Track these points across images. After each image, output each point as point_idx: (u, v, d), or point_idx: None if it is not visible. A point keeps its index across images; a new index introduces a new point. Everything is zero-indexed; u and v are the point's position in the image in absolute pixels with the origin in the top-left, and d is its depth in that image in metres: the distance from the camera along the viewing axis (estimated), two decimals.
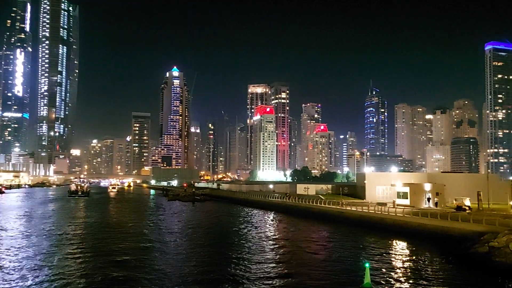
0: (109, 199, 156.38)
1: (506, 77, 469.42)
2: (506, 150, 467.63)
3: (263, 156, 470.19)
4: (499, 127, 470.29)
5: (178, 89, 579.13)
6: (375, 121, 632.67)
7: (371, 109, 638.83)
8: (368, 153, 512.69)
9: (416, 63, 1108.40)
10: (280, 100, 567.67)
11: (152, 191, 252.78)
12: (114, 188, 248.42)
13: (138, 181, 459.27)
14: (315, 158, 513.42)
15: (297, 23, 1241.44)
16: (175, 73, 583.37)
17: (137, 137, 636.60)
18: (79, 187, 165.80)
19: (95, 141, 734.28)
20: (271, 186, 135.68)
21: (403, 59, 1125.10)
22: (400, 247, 46.49)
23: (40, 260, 37.72)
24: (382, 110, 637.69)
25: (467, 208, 61.14)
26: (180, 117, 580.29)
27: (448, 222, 48.21)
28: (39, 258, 38.93)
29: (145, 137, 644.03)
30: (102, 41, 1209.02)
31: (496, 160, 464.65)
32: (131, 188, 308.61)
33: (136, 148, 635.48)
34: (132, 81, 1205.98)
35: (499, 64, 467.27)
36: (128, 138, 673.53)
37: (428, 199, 72.50)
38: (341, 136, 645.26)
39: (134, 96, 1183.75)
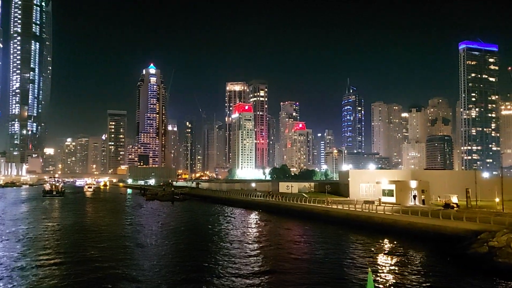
0: (85, 198, 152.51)
1: (479, 76, 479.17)
2: (479, 148, 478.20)
3: (241, 155, 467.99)
4: (472, 125, 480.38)
5: (155, 86, 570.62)
6: (352, 119, 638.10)
7: (348, 107, 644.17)
8: (345, 151, 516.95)
9: (392, 62, 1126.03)
10: (258, 98, 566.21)
11: (129, 191, 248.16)
12: (90, 187, 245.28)
13: (114, 180, 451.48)
14: (294, 156, 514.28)
15: (275, 22, 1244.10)
16: (152, 70, 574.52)
17: (113, 135, 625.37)
18: (53, 187, 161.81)
19: (69, 139, 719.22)
20: (253, 184, 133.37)
21: (380, 58, 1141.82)
22: (392, 247, 44.75)
23: (13, 265, 34.85)
24: (359, 108, 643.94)
25: (454, 205, 60.49)
26: (157, 115, 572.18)
27: (440, 221, 47.09)
28: (12, 261, 36.12)
29: (121, 136, 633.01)
30: (77, 37, 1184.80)
31: (469, 157, 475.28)
32: (107, 187, 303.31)
33: (112, 147, 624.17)
34: (108, 78, 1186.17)
35: (472, 63, 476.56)
36: (104, 137, 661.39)
37: (414, 197, 71.82)
38: (319, 134, 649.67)
39: (110, 93, 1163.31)
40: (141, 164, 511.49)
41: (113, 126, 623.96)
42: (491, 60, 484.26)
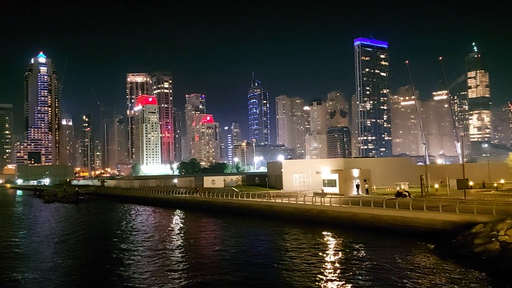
0: None
1: (372, 71, 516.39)
2: (373, 138, 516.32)
3: (146, 149, 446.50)
4: (367, 117, 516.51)
5: (45, 77, 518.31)
6: (258, 112, 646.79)
7: (254, 100, 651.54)
8: (254, 143, 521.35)
9: (294, 56, 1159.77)
10: (163, 90, 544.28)
11: (19, 192, 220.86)
12: None
13: (0, 181, 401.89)
14: (202, 149, 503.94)
15: (178, 13, 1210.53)
16: (42, 59, 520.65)
17: None
18: None
19: None
20: (175, 180, 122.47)
21: (282, 52, 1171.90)
22: (365, 246, 37.94)
23: None
24: (264, 101, 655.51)
25: (406, 194, 57.68)
26: (49, 109, 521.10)
27: (411, 212, 42.60)
28: None
29: (6, 131, 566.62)
30: None
31: (365, 147, 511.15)
32: None
33: None
34: None
35: (366, 58, 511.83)
36: None
37: (357, 186, 68.49)
38: (226, 128, 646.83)
39: None
40: (32, 162, 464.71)
41: None
42: (382, 56, 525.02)
